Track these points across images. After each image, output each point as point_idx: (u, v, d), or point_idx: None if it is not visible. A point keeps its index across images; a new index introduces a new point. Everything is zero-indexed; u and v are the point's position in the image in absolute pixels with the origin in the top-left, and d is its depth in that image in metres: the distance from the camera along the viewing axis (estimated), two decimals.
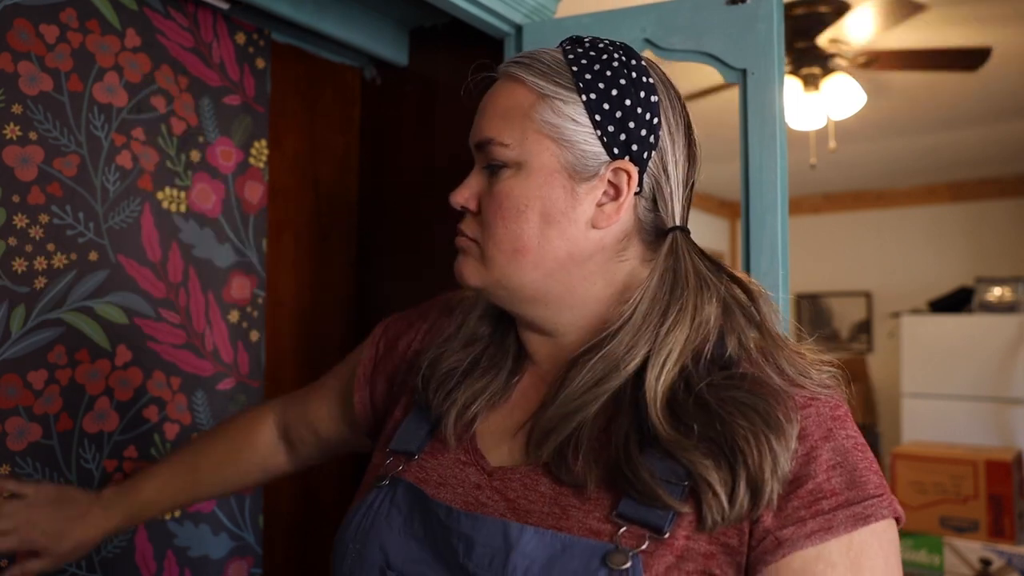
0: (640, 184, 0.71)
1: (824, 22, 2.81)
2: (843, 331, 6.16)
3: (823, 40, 2.87)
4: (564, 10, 1.36)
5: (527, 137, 0.70)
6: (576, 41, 0.74)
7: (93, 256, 1.11)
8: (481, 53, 1.41)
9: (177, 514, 1.20)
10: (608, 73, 0.71)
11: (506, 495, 0.68)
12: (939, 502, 3.08)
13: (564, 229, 0.70)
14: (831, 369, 0.69)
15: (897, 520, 0.65)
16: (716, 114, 3.82)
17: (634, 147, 0.70)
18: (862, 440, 0.66)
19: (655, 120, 0.71)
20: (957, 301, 3.99)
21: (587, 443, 0.66)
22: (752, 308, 0.70)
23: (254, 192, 1.33)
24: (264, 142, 1.35)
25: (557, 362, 0.74)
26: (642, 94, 0.71)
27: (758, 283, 0.73)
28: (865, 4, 2.58)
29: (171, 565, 1.19)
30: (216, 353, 1.26)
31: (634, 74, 0.71)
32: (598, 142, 0.70)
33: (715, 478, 0.60)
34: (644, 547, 0.61)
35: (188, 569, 1.21)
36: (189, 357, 1.23)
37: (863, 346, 6.04)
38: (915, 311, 4.07)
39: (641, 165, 0.71)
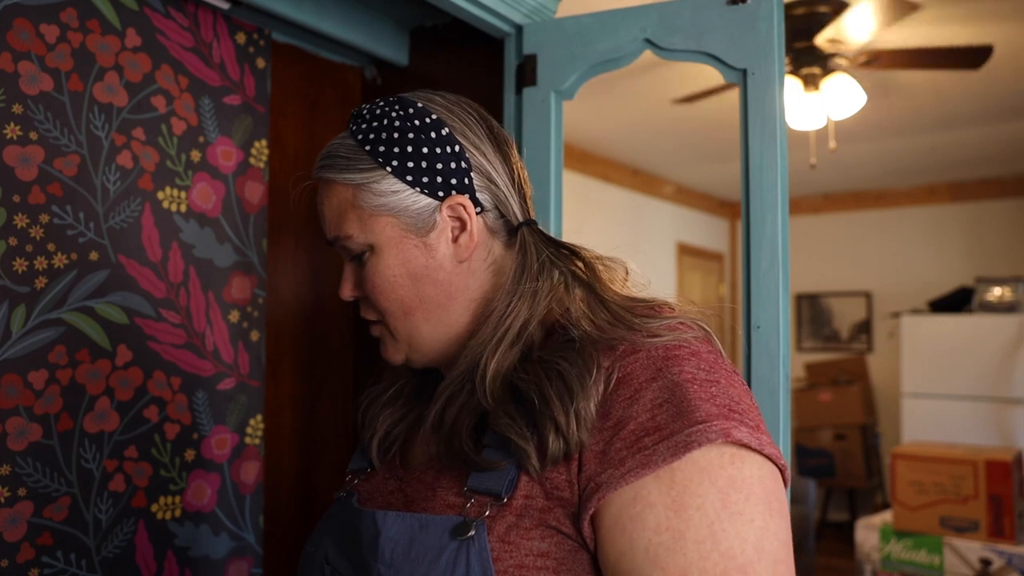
0: (478, 204, 0.78)
1: (824, 22, 2.81)
2: (843, 331, 6.15)
3: (823, 40, 2.87)
4: (564, 10, 1.36)
5: (364, 223, 0.77)
6: (358, 117, 0.80)
7: (93, 256, 1.11)
8: (481, 53, 1.42)
9: (178, 513, 1.21)
10: (395, 135, 0.76)
11: (406, 492, 0.77)
12: (939, 502, 3.08)
13: (434, 278, 0.77)
14: (669, 318, 0.70)
15: (772, 459, 0.63)
16: (716, 114, 3.82)
17: (452, 180, 0.76)
18: (705, 376, 0.65)
19: (456, 148, 0.77)
20: (957, 301, 3.99)
21: (447, 425, 0.72)
22: (589, 279, 0.75)
23: (254, 192, 1.33)
24: (264, 142, 1.35)
25: None
26: (432, 134, 0.76)
27: (593, 251, 0.80)
28: (863, 3, 2.58)
29: (171, 565, 1.19)
30: (216, 353, 1.26)
31: (416, 121, 0.77)
32: (422, 196, 0.76)
33: (518, 435, 0.65)
34: (487, 513, 0.66)
35: (188, 569, 1.21)
36: (189, 357, 1.23)
37: (863, 346, 6.04)
38: (915, 311, 4.07)
39: (468, 190, 0.77)
